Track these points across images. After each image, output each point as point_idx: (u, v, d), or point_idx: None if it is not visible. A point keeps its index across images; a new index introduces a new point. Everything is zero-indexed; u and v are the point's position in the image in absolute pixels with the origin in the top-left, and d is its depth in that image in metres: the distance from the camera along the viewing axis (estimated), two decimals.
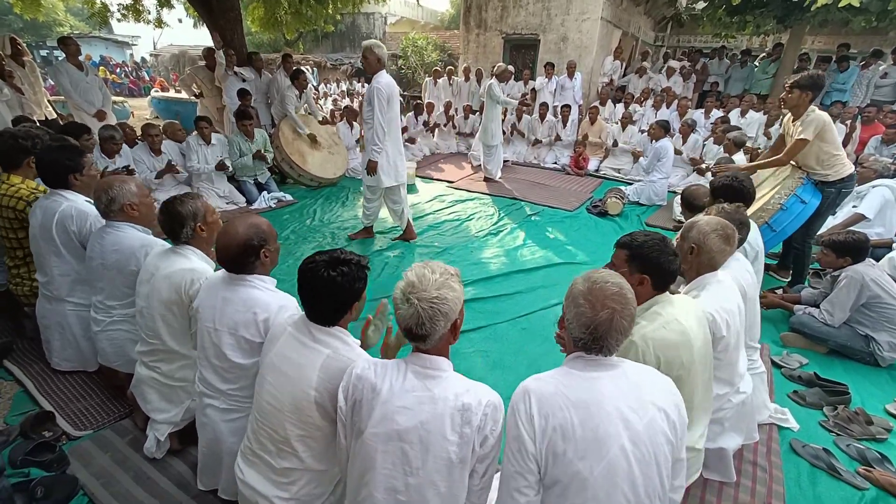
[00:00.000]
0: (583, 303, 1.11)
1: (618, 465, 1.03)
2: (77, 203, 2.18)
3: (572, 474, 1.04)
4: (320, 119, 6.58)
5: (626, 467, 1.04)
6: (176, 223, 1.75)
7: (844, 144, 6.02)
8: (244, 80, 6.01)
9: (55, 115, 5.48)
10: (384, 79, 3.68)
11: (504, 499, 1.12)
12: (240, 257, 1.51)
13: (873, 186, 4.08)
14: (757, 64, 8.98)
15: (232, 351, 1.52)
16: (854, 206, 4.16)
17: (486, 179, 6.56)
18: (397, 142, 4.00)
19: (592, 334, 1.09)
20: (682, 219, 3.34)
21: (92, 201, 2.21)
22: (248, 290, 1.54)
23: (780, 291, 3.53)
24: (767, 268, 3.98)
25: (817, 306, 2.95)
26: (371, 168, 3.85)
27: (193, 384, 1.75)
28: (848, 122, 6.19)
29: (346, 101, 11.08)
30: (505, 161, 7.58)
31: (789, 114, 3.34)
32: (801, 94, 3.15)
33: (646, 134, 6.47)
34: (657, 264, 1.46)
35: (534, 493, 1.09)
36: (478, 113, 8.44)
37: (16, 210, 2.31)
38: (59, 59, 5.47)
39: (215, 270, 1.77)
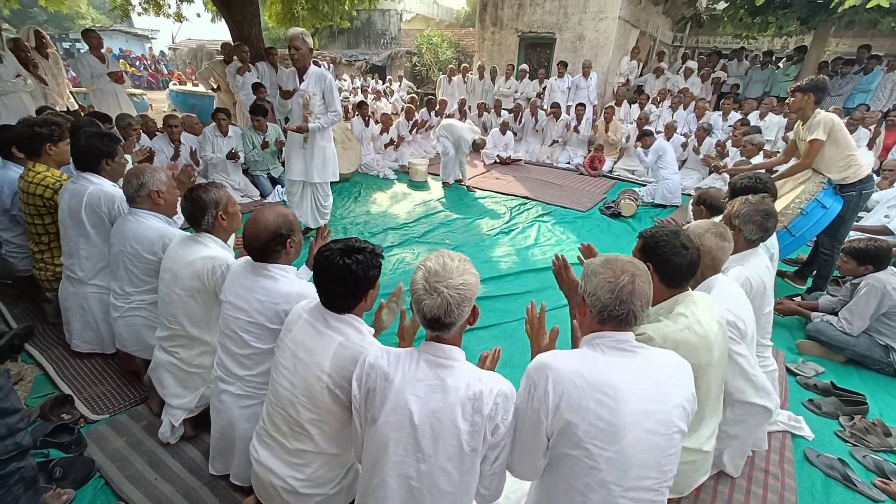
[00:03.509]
0: (602, 271, 1.14)
1: (630, 451, 1.03)
2: (103, 186, 2.25)
3: (582, 454, 1.05)
4: None
5: (638, 454, 1.04)
6: (199, 210, 1.79)
7: (868, 149, 5.88)
8: (257, 77, 6.08)
9: (77, 106, 5.59)
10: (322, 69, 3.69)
11: (518, 467, 1.17)
12: (268, 245, 1.55)
13: None
14: (779, 66, 8.78)
15: (252, 338, 1.56)
16: (886, 217, 4.07)
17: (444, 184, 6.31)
18: None
19: (618, 296, 1.11)
20: None
21: (117, 185, 2.28)
22: (269, 280, 1.57)
23: (797, 298, 3.46)
24: (783, 274, 3.92)
25: (835, 314, 2.89)
26: (302, 129, 3.62)
27: (210, 371, 1.79)
28: (872, 126, 6.03)
29: (360, 97, 11.12)
30: (517, 160, 7.56)
31: (800, 121, 3.34)
32: (804, 97, 3.19)
33: (661, 135, 6.41)
34: (659, 254, 1.47)
35: (545, 461, 1.15)
36: (493, 111, 8.41)
37: (43, 198, 2.39)
38: (82, 51, 5.59)
39: (236, 258, 1.81)
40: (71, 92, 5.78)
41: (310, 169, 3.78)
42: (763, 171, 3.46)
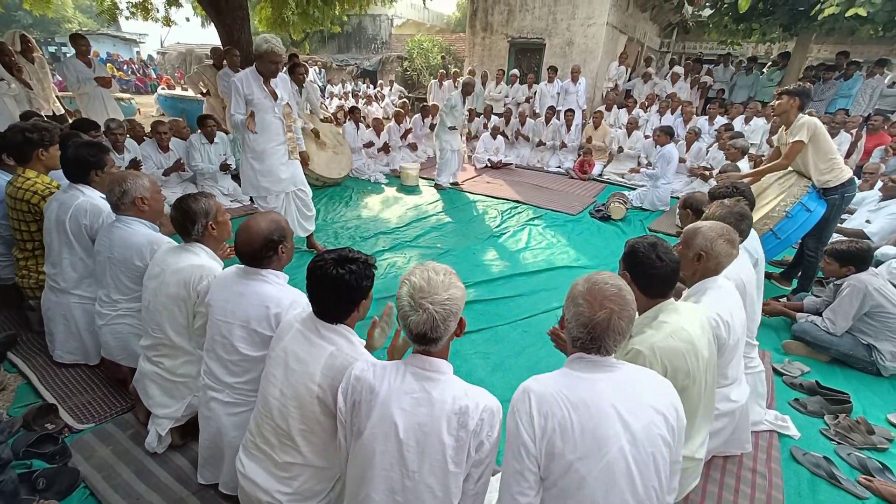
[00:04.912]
0: (581, 303, 1.13)
1: (616, 466, 1.04)
2: (93, 199, 2.23)
3: (571, 474, 1.05)
4: (322, 117, 6.62)
5: (624, 468, 1.04)
6: (188, 220, 1.77)
7: (849, 154, 6.01)
8: None
9: (63, 111, 5.51)
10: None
11: (505, 500, 1.12)
12: (260, 251, 1.55)
13: None
14: (763, 72, 8.98)
15: (243, 343, 1.55)
16: (868, 222, 4.15)
17: (437, 186, 6.30)
18: None
19: (590, 334, 1.10)
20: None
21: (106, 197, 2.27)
22: (261, 284, 1.57)
23: (783, 299, 3.52)
24: (770, 276, 3.98)
25: (820, 315, 2.95)
26: (306, 162, 3.76)
27: (195, 380, 1.77)
28: (853, 130, 6.17)
29: (352, 102, 11.12)
30: (508, 164, 7.61)
31: (783, 125, 3.42)
32: (790, 100, 3.26)
33: (650, 139, 6.49)
34: (637, 265, 1.50)
35: (534, 494, 1.10)
36: (481, 116, 8.46)
37: (30, 203, 2.35)
38: (68, 55, 5.52)
39: (224, 269, 1.80)
40: (57, 96, 5.69)
41: (295, 173, 3.68)
42: (747, 177, 3.54)
